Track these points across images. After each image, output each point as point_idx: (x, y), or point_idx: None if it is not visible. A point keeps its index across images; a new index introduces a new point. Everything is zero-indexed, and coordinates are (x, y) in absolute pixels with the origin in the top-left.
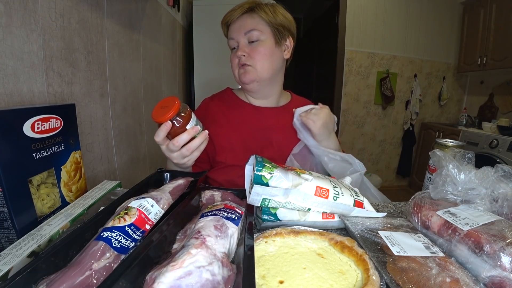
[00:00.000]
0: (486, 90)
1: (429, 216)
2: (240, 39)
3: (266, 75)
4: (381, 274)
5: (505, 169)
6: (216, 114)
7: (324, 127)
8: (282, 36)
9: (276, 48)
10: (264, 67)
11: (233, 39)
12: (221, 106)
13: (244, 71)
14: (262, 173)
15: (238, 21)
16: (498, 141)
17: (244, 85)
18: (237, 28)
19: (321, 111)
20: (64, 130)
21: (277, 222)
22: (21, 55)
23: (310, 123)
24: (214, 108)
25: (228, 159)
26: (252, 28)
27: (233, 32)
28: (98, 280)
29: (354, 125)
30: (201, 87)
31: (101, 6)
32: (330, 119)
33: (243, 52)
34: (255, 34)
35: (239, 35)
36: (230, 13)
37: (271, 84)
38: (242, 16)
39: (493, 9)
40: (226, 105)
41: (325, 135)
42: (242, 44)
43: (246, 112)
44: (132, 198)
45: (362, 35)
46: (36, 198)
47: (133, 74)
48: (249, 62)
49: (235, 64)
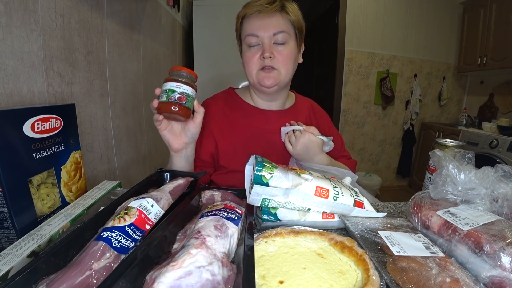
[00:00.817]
0: (486, 90)
1: (429, 216)
2: (265, 39)
3: (287, 80)
4: (381, 274)
5: (505, 169)
6: (219, 117)
7: (303, 151)
8: (301, 39)
9: (296, 51)
10: (288, 72)
11: (257, 36)
12: (224, 109)
13: (267, 74)
14: (262, 173)
15: (266, 18)
16: (498, 141)
17: (263, 88)
18: (264, 25)
19: (303, 135)
20: (64, 130)
21: (277, 222)
22: (21, 55)
23: (289, 147)
24: (217, 110)
25: (230, 165)
26: (282, 30)
27: (258, 29)
28: (98, 280)
29: (354, 125)
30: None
31: (101, 6)
32: (311, 143)
33: (270, 54)
34: (284, 37)
35: (266, 34)
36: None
37: (284, 88)
38: (272, 14)
39: (493, 9)
40: (229, 108)
41: (305, 157)
42: (268, 45)
43: (250, 115)
44: (132, 198)
45: (362, 35)
46: (36, 198)
47: (133, 74)
48: (275, 65)
49: (254, 64)
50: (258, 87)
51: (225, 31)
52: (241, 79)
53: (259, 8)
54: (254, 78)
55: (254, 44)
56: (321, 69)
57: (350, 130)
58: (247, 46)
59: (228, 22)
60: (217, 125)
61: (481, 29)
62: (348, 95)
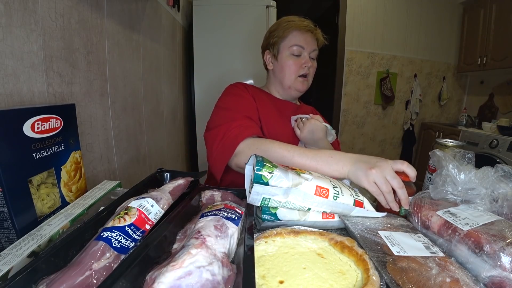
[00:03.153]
0: (486, 90)
1: (429, 216)
2: (307, 52)
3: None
4: (381, 274)
5: (505, 169)
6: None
7: (309, 134)
8: None
9: None
10: (311, 80)
11: (304, 48)
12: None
13: (303, 81)
14: (262, 172)
15: (312, 37)
16: (498, 141)
17: (296, 92)
18: (310, 42)
19: (309, 121)
20: (64, 130)
21: (277, 222)
22: (21, 55)
23: (297, 131)
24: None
25: None
26: (317, 49)
27: (306, 43)
28: (98, 280)
29: (354, 125)
30: (201, 87)
31: (101, 6)
32: (317, 127)
33: (310, 64)
34: (316, 54)
35: (310, 47)
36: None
37: None
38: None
39: (493, 9)
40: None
41: (310, 141)
42: (308, 57)
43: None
44: (132, 198)
45: (362, 35)
46: (36, 198)
47: (133, 74)
48: (309, 74)
49: (296, 70)
50: (291, 90)
51: (225, 31)
52: (242, 79)
53: (311, 29)
54: (292, 82)
55: (297, 54)
56: (321, 69)
57: (350, 130)
58: (290, 54)
59: (228, 22)
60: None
61: (481, 29)
62: (348, 95)
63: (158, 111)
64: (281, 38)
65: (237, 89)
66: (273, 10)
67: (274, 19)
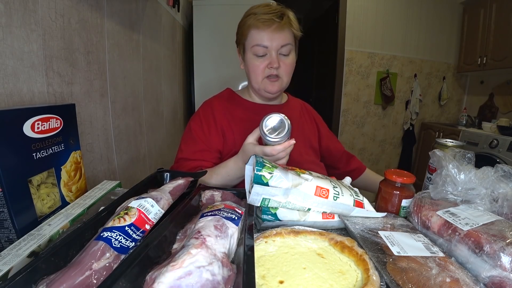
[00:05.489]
0: (486, 90)
1: (429, 216)
2: (273, 50)
3: (287, 85)
4: (381, 274)
5: (505, 169)
6: (225, 113)
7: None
8: (297, 47)
9: (295, 59)
10: (289, 79)
11: (266, 47)
12: (228, 106)
13: (273, 82)
14: (262, 173)
15: (275, 32)
16: (498, 141)
17: (269, 94)
18: (273, 38)
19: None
20: (64, 130)
21: (277, 222)
22: (21, 55)
23: None
24: (222, 108)
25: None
26: (288, 43)
27: (267, 41)
28: (98, 280)
29: (354, 125)
30: (201, 87)
31: (101, 6)
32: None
33: (277, 64)
34: (289, 48)
35: (276, 44)
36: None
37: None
38: (278, 27)
39: (493, 9)
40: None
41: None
42: (275, 55)
43: (249, 110)
44: (132, 198)
45: (362, 35)
46: (36, 198)
47: (133, 74)
48: (279, 74)
49: (260, 72)
50: (262, 93)
51: (225, 31)
52: (241, 79)
53: (270, 23)
54: (259, 85)
55: (262, 54)
56: (321, 69)
57: (350, 130)
58: (254, 55)
59: (228, 22)
60: (224, 120)
61: (481, 29)
62: (348, 95)
63: (158, 111)
64: (243, 37)
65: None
66: None
67: None
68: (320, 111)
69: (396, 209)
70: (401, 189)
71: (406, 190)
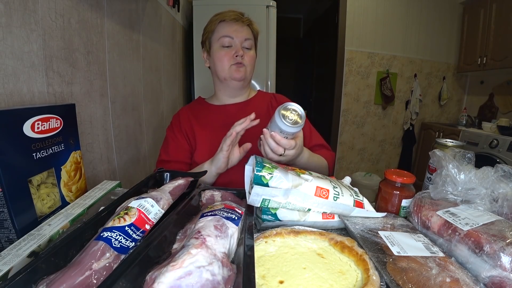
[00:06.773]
0: (486, 90)
1: (429, 216)
2: (237, 41)
3: (250, 77)
4: (381, 274)
5: (505, 169)
6: (189, 119)
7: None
8: (257, 47)
9: (255, 57)
10: (252, 70)
11: (232, 38)
12: (193, 111)
13: (239, 68)
14: (262, 173)
15: (240, 27)
16: (498, 141)
17: (234, 82)
18: (239, 31)
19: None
20: (64, 130)
21: (277, 222)
22: (21, 55)
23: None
24: (186, 116)
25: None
26: (249, 37)
27: (233, 32)
28: (98, 280)
29: (354, 125)
30: (201, 87)
31: (101, 6)
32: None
33: (242, 52)
34: (250, 43)
35: (238, 37)
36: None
37: (248, 84)
38: (244, 24)
39: (493, 9)
40: (196, 110)
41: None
42: (239, 46)
43: (211, 113)
44: (132, 198)
45: (362, 35)
46: (36, 198)
47: (133, 74)
48: (244, 62)
49: (227, 60)
50: (229, 80)
51: None
52: None
53: (237, 18)
54: (226, 72)
55: (228, 45)
56: (321, 69)
57: (350, 130)
58: (221, 46)
59: None
60: (187, 126)
61: (481, 29)
62: (348, 95)
63: (158, 111)
64: (210, 33)
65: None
66: (273, 10)
67: (274, 19)
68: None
69: (396, 209)
70: (401, 189)
71: (406, 190)
